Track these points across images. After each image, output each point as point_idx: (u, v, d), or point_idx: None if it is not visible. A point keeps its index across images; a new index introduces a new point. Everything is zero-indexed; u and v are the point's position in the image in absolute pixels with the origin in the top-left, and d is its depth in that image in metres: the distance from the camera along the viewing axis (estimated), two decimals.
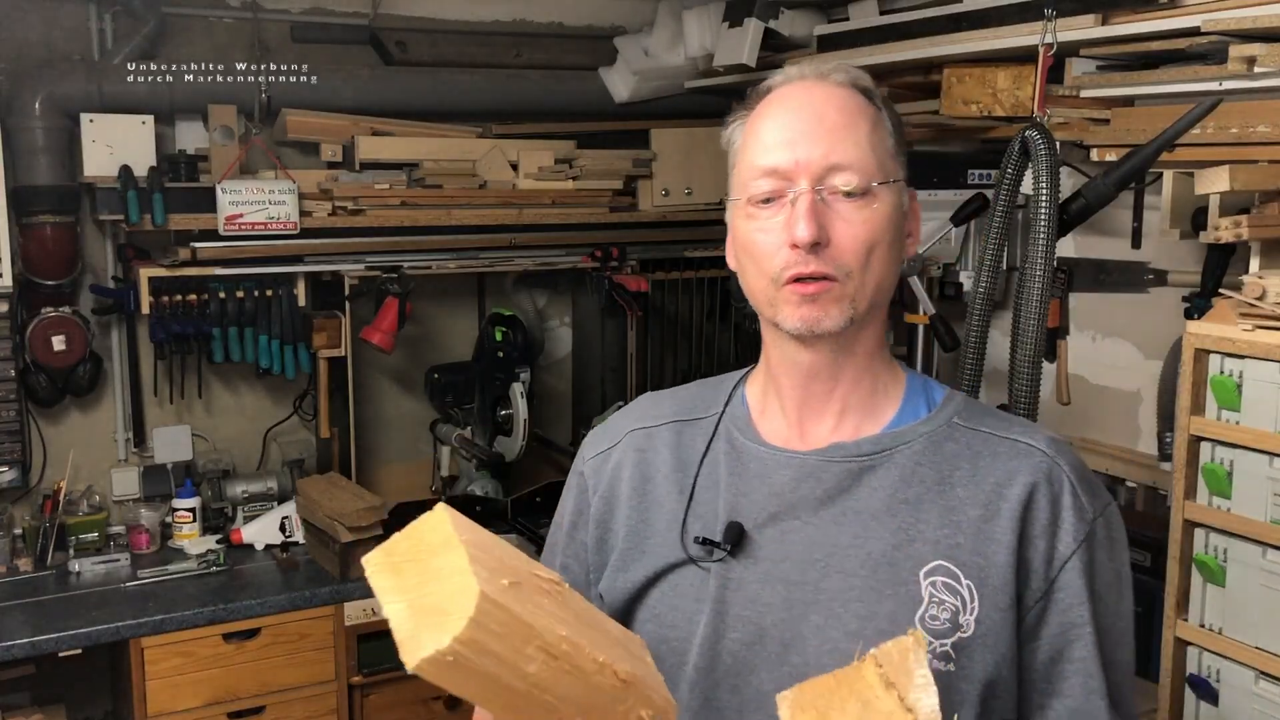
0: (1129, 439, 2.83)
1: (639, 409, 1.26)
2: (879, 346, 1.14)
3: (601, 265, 3.51)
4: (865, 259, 1.05)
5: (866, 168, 1.05)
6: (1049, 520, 1.06)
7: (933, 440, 1.10)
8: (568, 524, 1.24)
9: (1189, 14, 2.10)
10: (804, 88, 1.09)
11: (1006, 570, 1.04)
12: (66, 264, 3.05)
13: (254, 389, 3.47)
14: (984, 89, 2.57)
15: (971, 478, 1.07)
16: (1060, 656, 1.05)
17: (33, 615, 2.73)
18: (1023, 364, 2.06)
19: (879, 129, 1.08)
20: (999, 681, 1.03)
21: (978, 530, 1.05)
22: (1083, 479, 1.10)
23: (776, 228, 1.05)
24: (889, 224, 1.06)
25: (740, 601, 1.09)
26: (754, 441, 1.14)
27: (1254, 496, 1.90)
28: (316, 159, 3.32)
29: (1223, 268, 2.37)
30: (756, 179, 1.07)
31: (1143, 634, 2.42)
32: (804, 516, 1.09)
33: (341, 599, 2.93)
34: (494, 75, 3.49)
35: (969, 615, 1.03)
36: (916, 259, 2.60)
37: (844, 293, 1.05)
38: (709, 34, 3.16)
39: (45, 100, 2.94)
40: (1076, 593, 1.05)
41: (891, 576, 1.05)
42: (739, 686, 1.07)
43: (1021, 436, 1.10)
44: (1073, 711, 1.04)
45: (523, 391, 3.45)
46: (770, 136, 1.07)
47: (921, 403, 1.14)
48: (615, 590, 1.16)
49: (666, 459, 1.18)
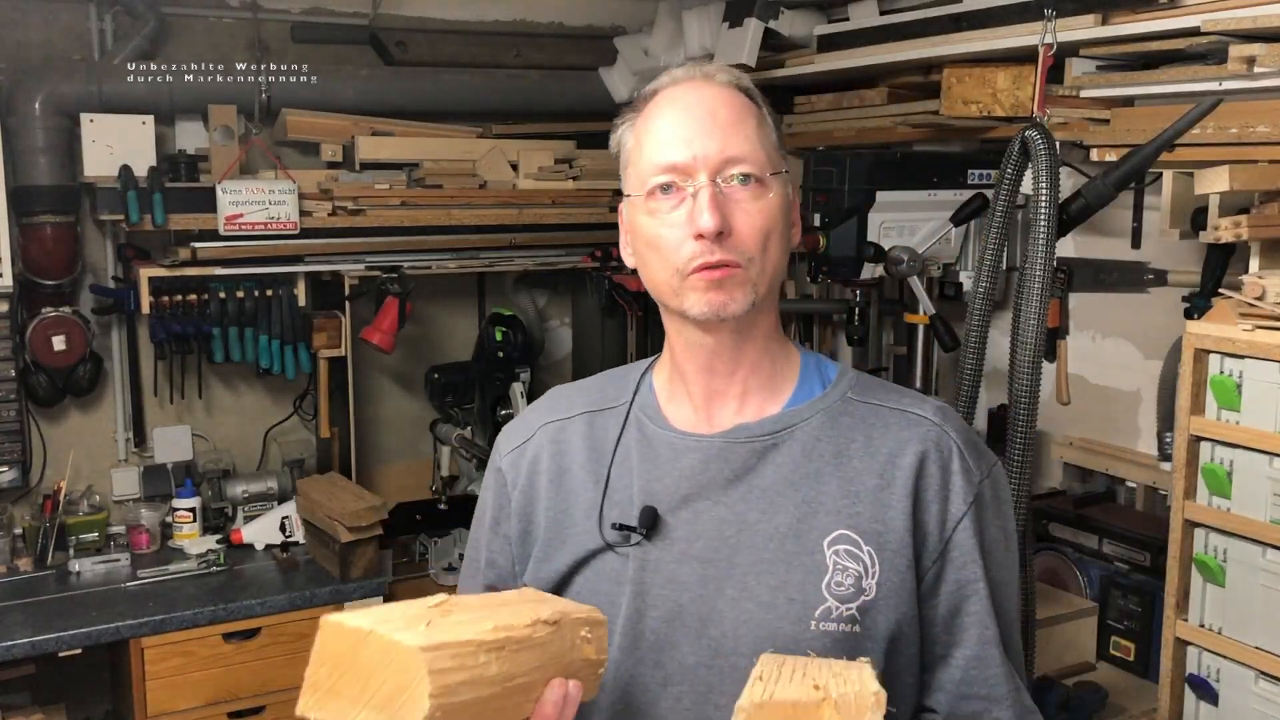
0: (1129, 439, 2.83)
1: (549, 402, 1.31)
2: (774, 328, 1.20)
3: (601, 265, 3.50)
4: (763, 245, 1.11)
5: (759, 160, 1.11)
6: (940, 485, 1.13)
7: (829, 415, 1.16)
8: (489, 519, 1.29)
9: (1189, 14, 2.10)
10: (693, 87, 1.14)
11: (904, 534, 1.11)
12: (66, 264, 3.05)
13: (254, 389, 3.47)
14: (984, 89, 2.57)
15: (866, 449, 1.14)
16: (958, 611, 1.13)
17: (33, 615, 2.74)
18: (1023, 364, 2.06)
19: (764, 125, 1.15)
20: (900, 638, 1.11)
21: (875, 499, 1.12)
22: (969, 443, 1.17)
23: (679, 221, 1.10)
24: (780, 213, 1.13)
25: (659, 582, 1.14)
26: (663, 428, 1.19)
27: (1254, 496, 1.90)
28: (316, 159, 3.32)
29: (1223, 268, 2.37)
30: (655, 175, 1.12)
31: (1143, 634, 2.44)
32: (714, 497, 1.14)
33: (341, 599, 2.93)
34: (494, 75, 3.49)
35: (870, 579, 1.10)
36: (916, 259, 2.60)
37: (746, 278, 1.10)
38: (709, 34, 3.16)
39: (45, 100, 2.94)
40: (969, 551, 1.12)
41: (798, 548, 1.11)
42: (662, 661, 1.13)
43: (911, 407, 1.17)
44: (970, 659, 1.13)
45: (523, 391, 3.45)
46: (666, 134, 1.12)
47: (816, 380, 1.20)
48: (539, 580, 1.21)
49: (581, 449, 1.23)
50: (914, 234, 2.65)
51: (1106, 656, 2.54)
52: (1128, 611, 2.50)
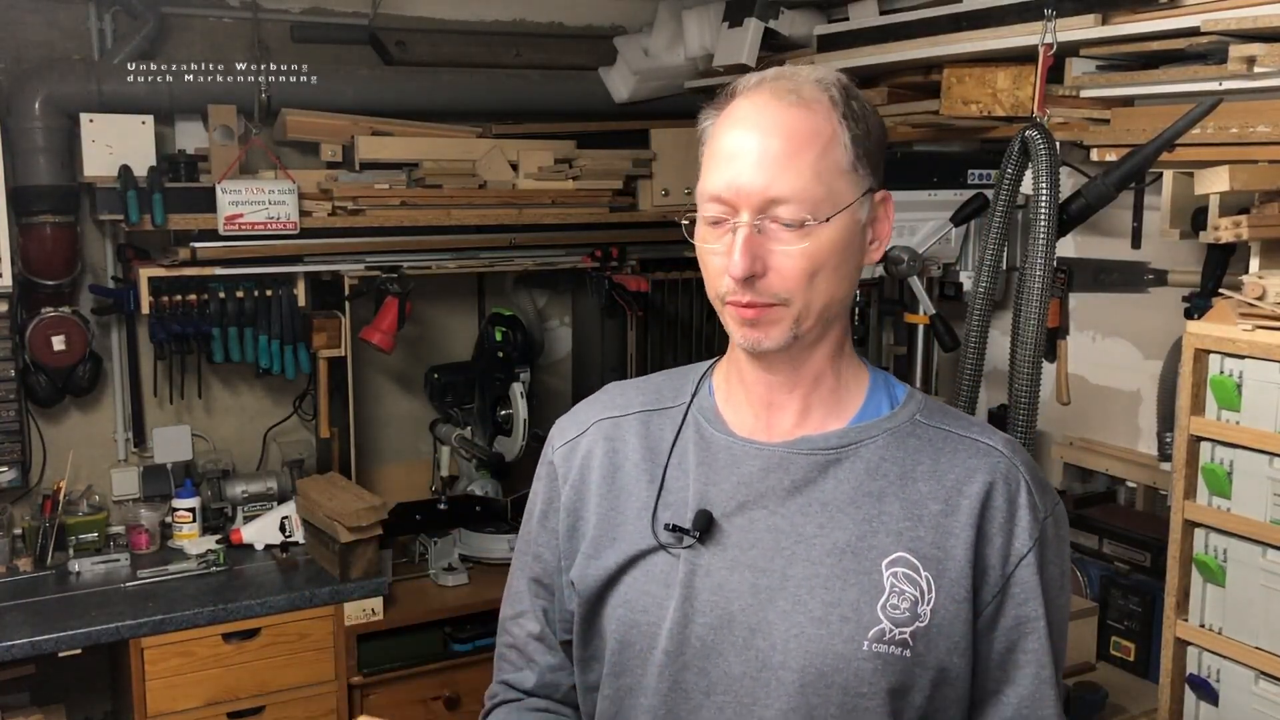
0: (1129, 439, 2.83)
1: (605, 398, 1.29)
2: (839, 348, 1.16)
3: (601, 265, 3.50)
4: (806, 284, 1.07)
5: (810, 198, 1.05)
6: (1006, 518, 1.10)
7: (896, 436, 1.14)
8: (539, 513, 1.27)
9: (1189, 14, 2.10)
10: (762, 105, 1.08)
11: (964, 564, 1.08)
12: (66, 264, 3.05)
13: (254, 389, 3.47)
14: (984, 89, 2.57)
15: (933, 473, 1.12)
16: (1014, 648, 1.10)
17: (33, 615, 2.73)
18: (1023, 364, 2.06)
19: (833, 150, 1.07)
20: (950, 669, 1.08)
21: (938, 524, 1.09)
22: (1036, 479, 1.14)
23: (721, 251, 1.08)
24: (834, 249, 1.07)
25: (709, 587, 1.12)
26: (722, 432, 1.17)
27: (1254, 496, 1.90)
28: (316, 159, 3.32)
29: (1223, 268, 2.37)
30: (706, 202, 1.09)
31: (1143, 634, 2.44)
32: (771, 506, 1.12)
33: (341, 599, 2.93)
34: (494, 75, 3.49)
35: (926, 605, 1.08)
36: (916, 259, 2.60)
37: (785, 315, 1.08)
38: (709, 34, 3.16)
39: (45, 100, 2.93)
40: (1031, 588, 1.10)
41: (855, 565, 1.09)
42: (706, 669, 1.11)
43: (980, 436, 1.15)
44: (1024, 699, 1.10)
45: (522, 391, 3.45)
46: (722, 158, 1.08)
47: (884, 399, 1.18)
48: (587, 577, 1.19)
49: (636, 447, 1.21)
50: (914, 234, 2.66)
51: (1106, 656, 2.54)
52: (1128, 611, 2.50)
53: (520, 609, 1.28)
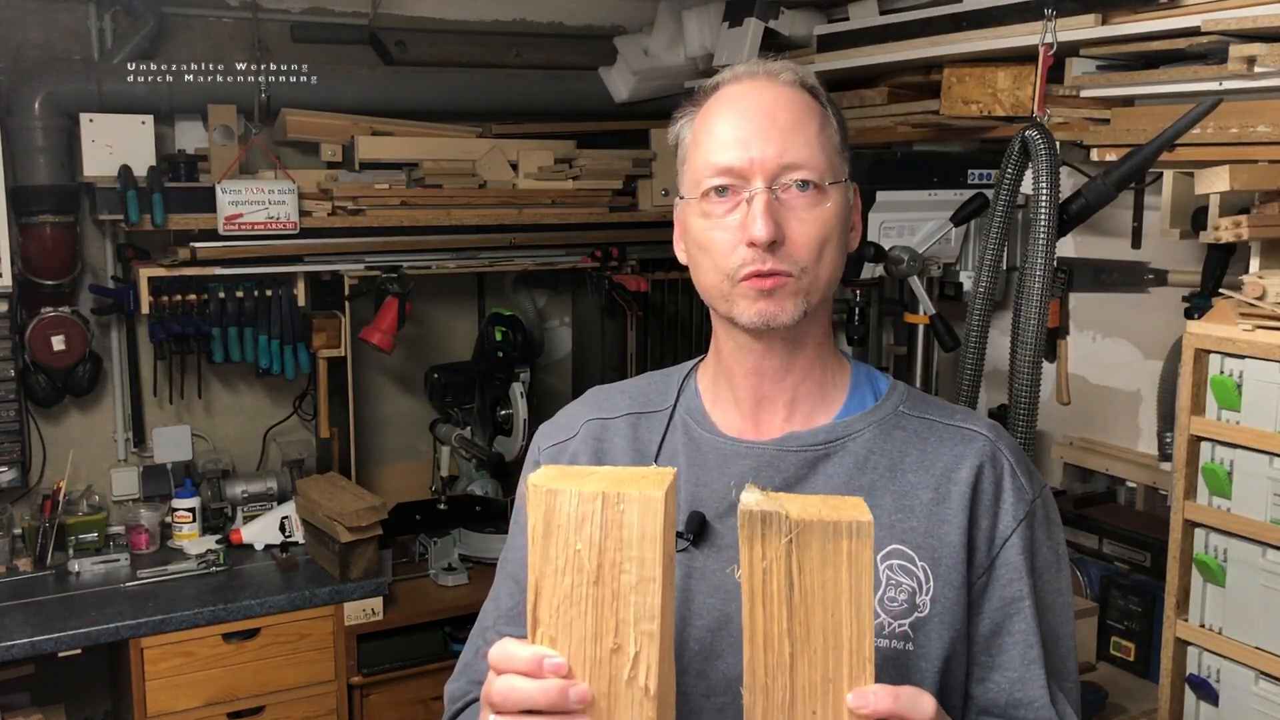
0: (1129, 439, 2.83)
1: (592, 400, 1.28)
2: (826, 338, 1.17)
3: (601, 265, 3.50)
4: (818, 254, 1.08)
5: (818, 165, 1.08)
6: (992, 500, 1.10)
7: (882, 428, 1.14)
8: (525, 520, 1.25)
9: (1189, 14, 2.10)
10: (755, 87, 1.11)
11: (959, 550, 1.08)
12: (66, 264, 3.05)
13: (254, 389, 3.47)
14: (984, 89, 2.57)
15: (921, 463, 1.12)
16: (1000, 630, 1.09)
17: (32, 615, 2.73)
18: (1023, 364, 2.06)
19: (826, 128, 1.11)
20: (954, 658, 1.08)
21: (929, 513, 1.09)
22: (1021, 462, 1.14)
23: (733, 226, 1.07)
24: (838, 220, 1.10)
25: (705, 589, 1.11)
26: (710, 432, 1.17)
27: (1254, 496, 1.90)
28: (316, 159, 3.32)
29: (1223, 268, 2.37)
30: (710, 177, 1.09)
31: (1143, 634, 2.44)
32: None
33: (341, 599, 2.93)
34: (494, 75, 3.49)
35: (925, 595, 1.07)
36: (916, 259, 2.60)
37: (799, 287, 1.08)
38: (709, 34, 3.16)
39: (45, 100, 2.94)
40: (1016, 569, 1.09)
41: None
42: (705, 672, 1.11)
43: (964, 423, 1.15)
44: (1012, 682, 1.09)
45: (522, 391, 3.45)
46: (723, 135, 1.09)
47: (868, 392, 1.18)
48: None
49: (624, 450, 1.20)
50: (914, 234, 2.66)
51: (1106, 656, 2.54)
52: (1128, 611, 2.50)
53: (502, 615, 1.25)
